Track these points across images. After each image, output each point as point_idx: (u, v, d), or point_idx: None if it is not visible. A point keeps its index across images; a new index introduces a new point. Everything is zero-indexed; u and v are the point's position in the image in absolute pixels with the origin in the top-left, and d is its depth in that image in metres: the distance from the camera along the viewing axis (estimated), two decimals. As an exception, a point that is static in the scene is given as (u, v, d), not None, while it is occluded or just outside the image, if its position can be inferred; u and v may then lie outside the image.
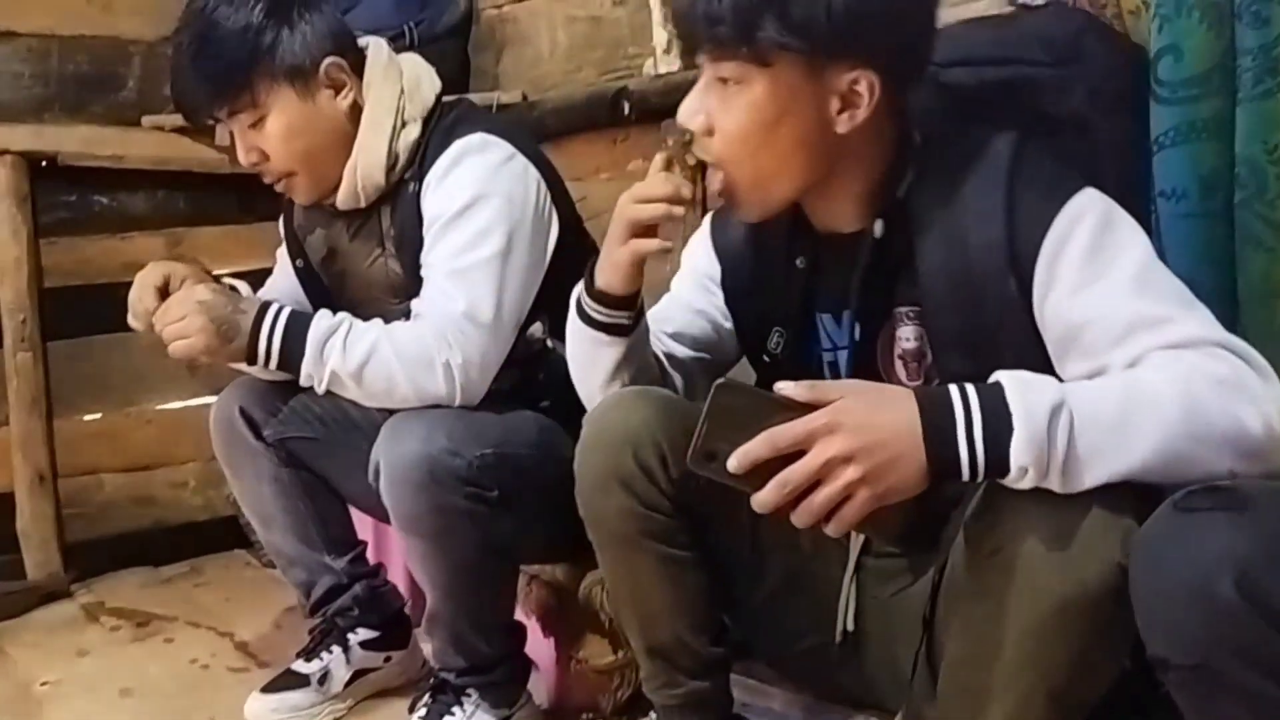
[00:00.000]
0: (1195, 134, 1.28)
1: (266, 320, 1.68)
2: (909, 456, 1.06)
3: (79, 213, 2.76)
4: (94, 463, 2.79)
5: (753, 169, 1.26)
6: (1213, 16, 1.26)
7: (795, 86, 1.20)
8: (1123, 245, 1.16)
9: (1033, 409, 1.03)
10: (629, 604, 1.44)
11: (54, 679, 2.23)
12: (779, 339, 1.40)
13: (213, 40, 1.69)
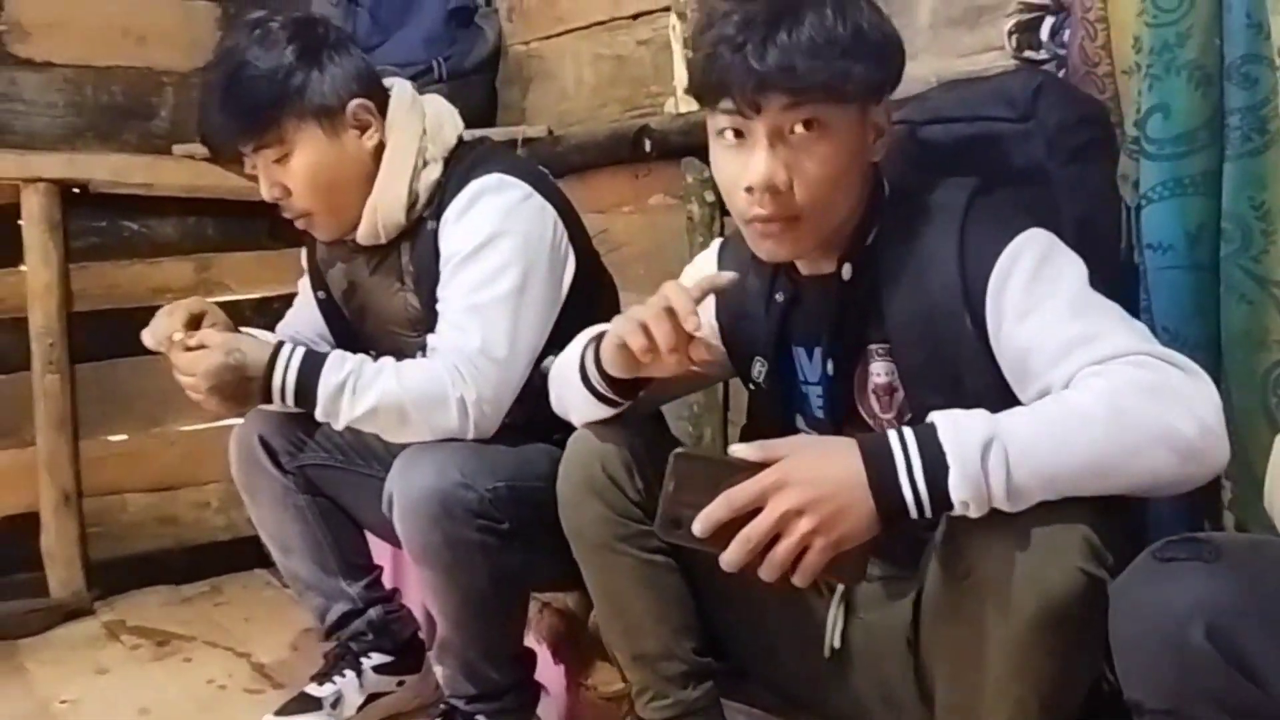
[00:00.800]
0: (1183, 189, 1.34)
1: (280, 361, 1.72)
2: (858, 504, 1.13)
3: (109, 239, 2.83)
4: (118, 483, 2.86)
5: (824, 212, 1.31)
6: (1200, 77, 1.32)
7: (857, 127, 1.29)
8: (1059, 275, 1.24)
9: (965, 447, 1.10)
10: (612, 614, 1.52)
11: (73, 697, 2.29)
12: (761, 368, 1.48)
13: (244, 79, 1.75)
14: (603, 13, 2.57)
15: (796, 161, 1.28)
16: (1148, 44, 1.34)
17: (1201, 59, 1.32)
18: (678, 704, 1.52)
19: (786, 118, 1.26)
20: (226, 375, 1.70)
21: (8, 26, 2.68)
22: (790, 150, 1.28)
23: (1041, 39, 1.55)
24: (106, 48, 2.81)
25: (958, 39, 1.80)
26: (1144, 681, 0.98)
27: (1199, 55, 1.32)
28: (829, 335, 1.40)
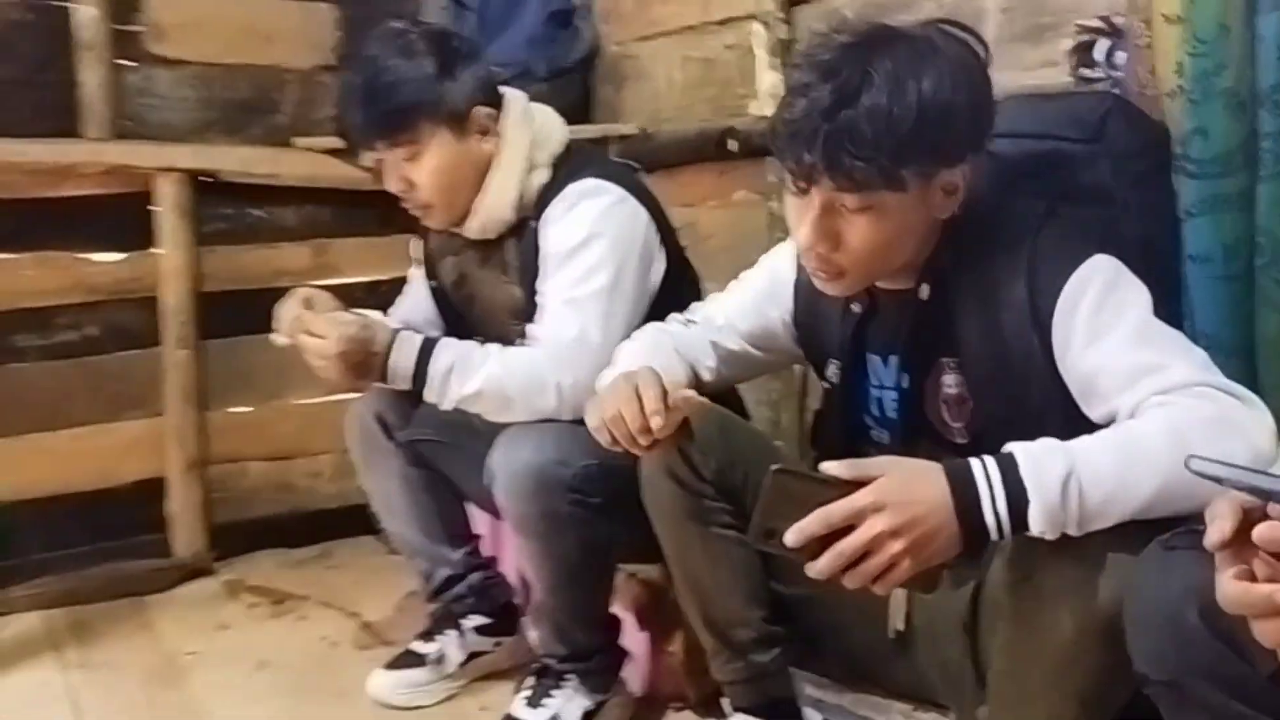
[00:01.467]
0: (1220, 206, 1.46)
1: (398, 344, 1.90)
2: (945, 528, 1.25)
3: (235, 224, 2.99)
4: (240, 451, 3.02)
5: (870, 270, 1.44)
6: (1235, 103, 1.43)
7: (917, 198, 1.38)
8: (1126, 304, 1.34)
9: (1045, 483, 1.22)
10: (687, 582, 1.67)
11: (198, 650, 2.45)
12: (835, 369, 1.61)
13: (386, 85, 1.92)
14: (693, 17, 2.71)
15: (843, 232, 1.39)
16: (1189, 71, 1.46)
17: (1237, 87, 1.43)
18: (748, 666, 1.68)
19: (838, 196, 1.37)
20: (356, 345, 1.88)
21: (147, 27, 2.86)
22: (840, 220, 1.38)
23: (1096, 59, 1.66)
24: (235, 47, 2.97)
25: (1022, 54, 1.92)
26: (1148, 656, 1.11)
27: (1235, 83, 1.43)
28: (905, 349, 1.51)
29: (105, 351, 2.88)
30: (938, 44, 1.36)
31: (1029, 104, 1.68)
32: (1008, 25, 1.96)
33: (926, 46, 1.36)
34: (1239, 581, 0.86)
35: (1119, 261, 1.37)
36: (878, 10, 2.23)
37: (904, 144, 1.31)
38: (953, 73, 1.34)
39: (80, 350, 2.85)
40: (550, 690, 1.96)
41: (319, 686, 2.28)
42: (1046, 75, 1.84)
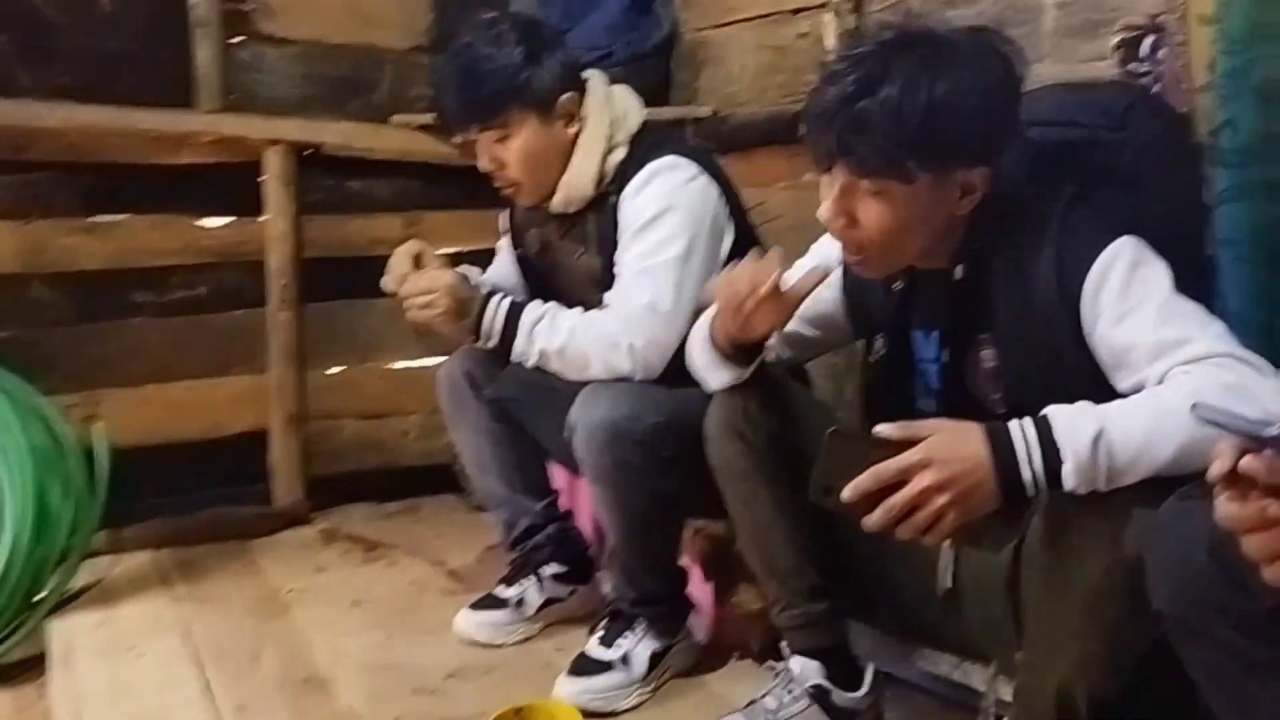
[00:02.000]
0: (1248, 193, 1.56)
1: (491, 306, 2.08)
2: (985, 484, 1.38)
3: (335, 195, 3.15)
4: (336, 409, 3.19)
5: (888, 252, 1.56)
6: (1264, 98, 1.54)
7: (928, 191, 1.49)
8: (1150, 281, 1.45)
9: (1078, 442, 1.34)
10: (751, 535, 1.80)
11: (298, 588, 2.63)
12: (881, 343, 1.73)
13: (478, 73, 2.07)
14: (767, 6, 2.82)
15: (858, 212, 1.52)
16: (1220, 68, 1.56)
17: (1265, 83, 1.53)
18: (805, 614, 1.81)
19: (855, 179, 1.49)
20: (462, 293, 2.06)
21: (257, 6, 3.04)
22: (858, 201, 1.51)
23: (1141, 55, 1.76)
24: (337, 27, 3.14)
25: (1076, 47, 2.02)
26: (1163, 594, 1.21)
27: (1263, 80, 1.53)
28: (944, 325, 1.63)
29: (214, 310, 3.06)
30: (964, 51, 1.47)
31: (1061, 94, 1.77)
32: (1064, 19, 2.06)
33: (951, 51, 1.47)
34: (1232, 500, 0.98)
35: (1143, 242, 1.47)
36: (944, 3, 2.34)
37: (909, 138, 1.43)
38: (969, 80, 1.44)
39: (192, 308, 3.04)
40: (623, 632, 2.09)
41: (408, 623, 2.43)
42: (1097, 69, 1.93)
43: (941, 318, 1.64)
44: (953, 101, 1.43)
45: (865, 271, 1.64)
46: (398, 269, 2.16)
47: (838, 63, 1.51)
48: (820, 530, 1.77)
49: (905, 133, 1.43)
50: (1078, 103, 1.70)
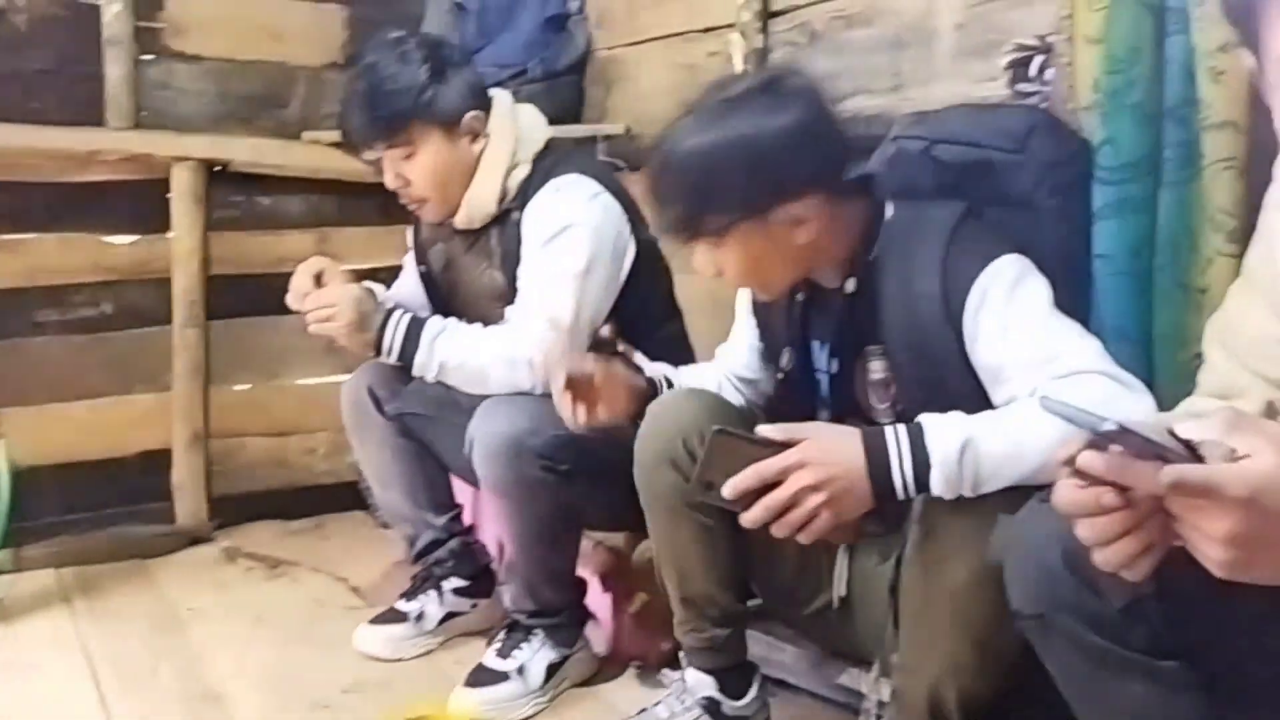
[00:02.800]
0: (1125, 209, 1.60)
1: (392, 320, 2.08)
2: (859, 486, 1.43)
3: (244, 212, 3.10)
4: (241, 427, 3.14)
5: (764, 287, 1.67)
6: (1143, 117, 1.58)
7: (755, 234, 1.57)
8: (1028, 299, 1.49)
9: (946, 449, 1.39)
10: (671, 562, 1.80)
11: (198, 605, 2.59)
12: (788, 357, 1.76)
13: (383, 92, 2.08)
14: (678, 25, 2.84)
15: (719, 261, 1.61)
16: (1103, 87, 1.60)
17: (1145, 101, 1.57)
18: (711, 638, 1.83)
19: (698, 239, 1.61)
20: (363, 306, 2.06)
21: (168, 24, 3.00)
22: (715, 252, 1.61)
23: (1030, 75, 1.80)
24: (249, 44, 3.10)
25: (971, 67, 2.07)
26: (1020, 594, 1.24)
27: (1143, 99, 1.57)
28: (833, 338, 1.68)
29: (119, 328, 3.00)
30: (749, 106, 1.55)
31: (966, 114, 1.82)
32: (959, 40, 2.11)
33: (734, 110, 1.56)
34: (1071, 487, 1.00)
35: (1026, 260, 1.52)
36: (845, 23, 2.38)
37: (693, 198, 1.56)
38: (750, 133, 1.53)
39: (96, 326, 2.98)
40: (520, 643, 2.10)
41: (308, 639, 2.41)
42: (991, 88, 1.98)
43: (832, 330, 1.67)
44: (733, 156, 1.53)
45: (763, 299, 1.71)
46: (300, 285, 2.15)
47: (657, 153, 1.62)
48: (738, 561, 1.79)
49: (699, 196, 1.55)
50: (980, 124, 1.74)
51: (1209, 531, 0.89)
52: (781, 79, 1.60)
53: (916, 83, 2.21)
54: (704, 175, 1.54)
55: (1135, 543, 0.97)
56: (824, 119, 1.58)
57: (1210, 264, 1.54)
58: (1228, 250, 1.50)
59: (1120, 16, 1.58)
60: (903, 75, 2.24)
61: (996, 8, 2.02)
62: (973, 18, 2.09)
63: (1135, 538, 0.97)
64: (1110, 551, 0.98)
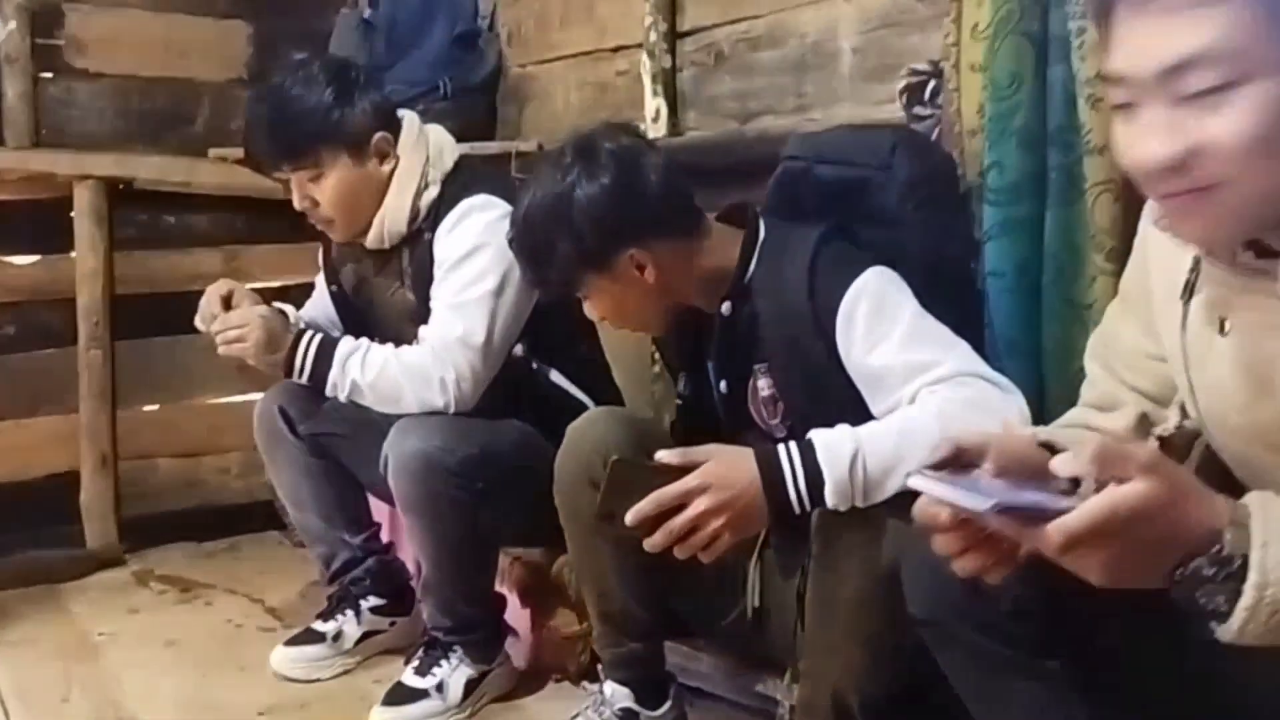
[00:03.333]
0: (1012, 229, 1.70)
1: (304, 341, 2.11)
2: (757, 504, 1.51)
3: (150, 231, 3.13)
4: (150, 448, 3.16)
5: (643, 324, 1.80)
6: (1026, 140, 1.67)
7: (606, 283, 1.71)
8: (896, 309, 1.58)
9: (836, 462, 1.48)
10: (590, 580, 1.87)
11: (109, 631, 2.60)
12: (684, 382, 1.84)
13: (288, 115, 2.11)
14: (588, 44, 2.92)
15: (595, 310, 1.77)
16: (988, 113, 1.70)
17: (1028, 127, 1.67)
18: (629, 652, 1.90)
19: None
20: (273, 326, 2.09)
21: (67, 41, 3.01)
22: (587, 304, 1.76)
23: (924, 99, 1.90)
24: (152, 60, 3.12)
25: (871, 90, 2.16)
26: (915, 599, 1.31)
27: (1027, 124, 1.67)
28: (717, 360, 1.76)
29: (23, 350, 3.01)
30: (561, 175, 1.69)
31: (843, 135, 1.92)
32: (859, 64, 2.20)
33: (549, 180, 1.71)
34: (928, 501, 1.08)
35: (890, 272, 1.61)
36: (750, 45, 2.47)
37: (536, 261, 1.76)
38: (559, 201, 1.68)
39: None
40: (438, 660, 2.14)
41: (224, 662, 2.43)
42: (891, 110, 2.07)
43: (714, 352, 1.76)
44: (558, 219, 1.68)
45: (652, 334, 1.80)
46: (207, 308, 2.18)
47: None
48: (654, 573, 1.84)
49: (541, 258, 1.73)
50: (854, 143, 1.84)
51: (1085, 566, 0.98)
52: (596, 143, 1.72)
53: (820, 104, 2.31)
54: (541, 238, 1.70)
55: (981, 556, 1.07)
56: (638, 176, 1.70)
57: (1093, 282, 1.64)
58: (1108, 269, 1.60)
59: (1002, 46, 1.68)
60: (807, 96, 2.34)
61: (892, 33, 2.12)
62: (869, 42, 2.19)
63: (981, 551, 1.06)
64: (960, 563, 1.08)
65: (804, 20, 2.33)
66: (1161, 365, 1.27)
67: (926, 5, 2.02)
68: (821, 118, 2.28)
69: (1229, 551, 0.94)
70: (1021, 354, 1.71)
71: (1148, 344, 1.30)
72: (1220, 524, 0.95)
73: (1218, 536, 0.94)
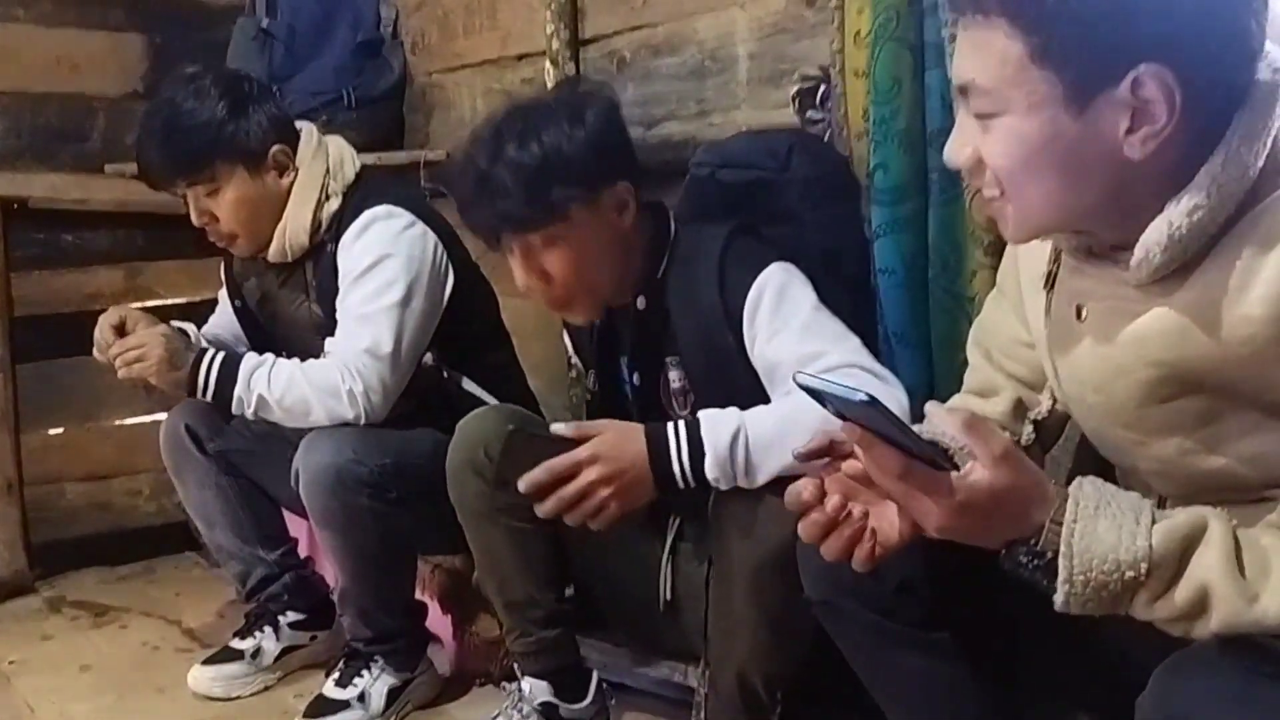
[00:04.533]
0: (898, 227, 1.82)
1: (205, 359, 2.15)
2: (643, 478, 1.65)
3: (47, 250, 3.14)
4: (57, 472, 3.18)
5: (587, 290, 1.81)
6: (908, 143, 1.80)
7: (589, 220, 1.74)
8: (796, 304, 1.71)
9: (718, 440, 1.60)
10: (488, 569, 1.97)
11: (20, 658, 2.63)
12: (592, 378, 1.95)
13: (180, 129, 2.16)
14: (492, 52, 2.99)
15: (547, 266, 1.75)
16: (872, 116, 1.82)
17: (910, 129, 1.79)
18: (538, 641, 1.98)
19: (524, 239, 1.74)
20: (173, 344, 2.13)
21: (-47, 58, 3.00)
22: (541, 257, 1.75)
23: (816, 103, 2.01)
24: (42, 76, 3.12)
25: (767, 95, 2.28)
26: (810, 581, 1.43)
27: (907, 126, 1.79)
28: (630, 354, 1.87)
29: (-81, 376, 2.98)
30: (558, 108, 1.75)
31: (744, 139, 2.06)
32: (756, 69, 2.31)
33: (548, 110, 1.74)
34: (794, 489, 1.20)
35: (792, 267, 1.74)
36: (651, 51, 2.57)
37: (542, 182, 1.69)
38: (565, 126, 1.71)
39: (-105, 375, 2.95)
40: (359, 670, 2.21)
41: (141, 684, 2.48)
42: (786, 115, 2.17)
43: (629, 345, 1.87)
44: (559, 143, 1.70)
45: (577, 317, 1.88)
46: (102, 339, 2.22)
47: (461, 159, 1.78)
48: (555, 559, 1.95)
49: (536, 179, 1.69)
50: (754, 147, 1.97)
51: (923, 520, 1.12)
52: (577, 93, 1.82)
53: (719, 109, 2.41)
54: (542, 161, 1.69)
55: (840, 539, 1.18)
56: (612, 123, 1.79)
57: (974, 275, 1.76)
58: (986, 263, 1.72)
59: (882, 52, 1.80)
60: (707, 102, 2.44)
61: (784, 39, 2.23)
62: (764, 48, 2.30)
63: (839, 535, 1.18)
64: (825, 547, 1.19)
65: (702, 27, 2.44)
66: (1034, 352, 1.40)
67: (814, 12, 2.14)
68: (721, 122, 2.39)
69: (1043, 546, 1.09)
70: (911, 345, 1.83)
71: (1021, 332, 1.43)
72: (1044, 519, 1.09)
73: (1039, 531, 1.09)
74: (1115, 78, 1.07)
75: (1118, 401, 1.23)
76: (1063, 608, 1.08)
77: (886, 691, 1.46)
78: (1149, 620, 1.08)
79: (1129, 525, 1.06)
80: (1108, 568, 1.05)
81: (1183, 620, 1.06)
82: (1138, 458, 1.27)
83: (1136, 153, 1.09)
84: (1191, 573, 1.04)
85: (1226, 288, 1.09)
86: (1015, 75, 1.11)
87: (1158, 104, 1.07)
